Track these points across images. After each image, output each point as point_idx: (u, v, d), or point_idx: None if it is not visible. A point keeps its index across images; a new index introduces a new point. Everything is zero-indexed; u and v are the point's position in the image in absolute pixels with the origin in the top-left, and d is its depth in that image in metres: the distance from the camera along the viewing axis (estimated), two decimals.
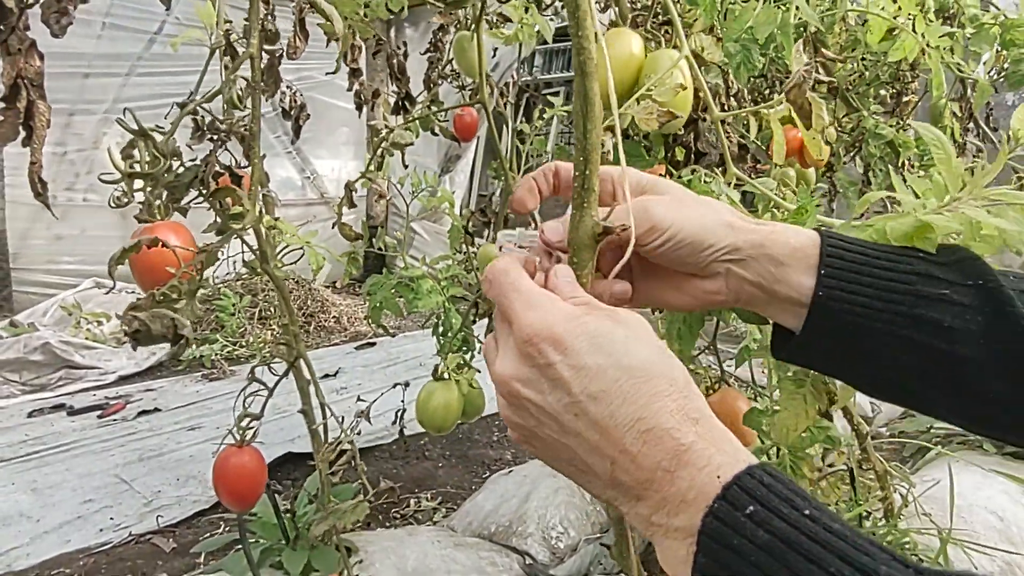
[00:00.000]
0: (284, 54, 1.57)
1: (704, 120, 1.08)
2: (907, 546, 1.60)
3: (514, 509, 1.77)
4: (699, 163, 1.13)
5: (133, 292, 3.93)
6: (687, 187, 1.06)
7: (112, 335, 3.61)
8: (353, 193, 1.31)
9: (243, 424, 1.17)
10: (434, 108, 1.89)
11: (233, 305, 3.69)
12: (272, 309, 3.76)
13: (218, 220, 1.19)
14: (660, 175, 1.18)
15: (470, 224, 1.28)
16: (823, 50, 1.00)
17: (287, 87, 1.54)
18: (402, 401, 1.31)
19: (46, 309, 3.90)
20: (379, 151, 1.29)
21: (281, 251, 1.29)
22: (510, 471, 1.97)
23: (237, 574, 1.29)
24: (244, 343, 3.68)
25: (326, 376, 3.08)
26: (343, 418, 1.23)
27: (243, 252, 1.30)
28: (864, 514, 1.65)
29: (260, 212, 1.08)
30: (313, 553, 1.39)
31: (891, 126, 1.94)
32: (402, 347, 3.41)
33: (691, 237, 0.53)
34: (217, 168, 1.22)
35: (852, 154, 2.09)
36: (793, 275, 0.53)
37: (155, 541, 2.22)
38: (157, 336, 0.87)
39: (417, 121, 2.03)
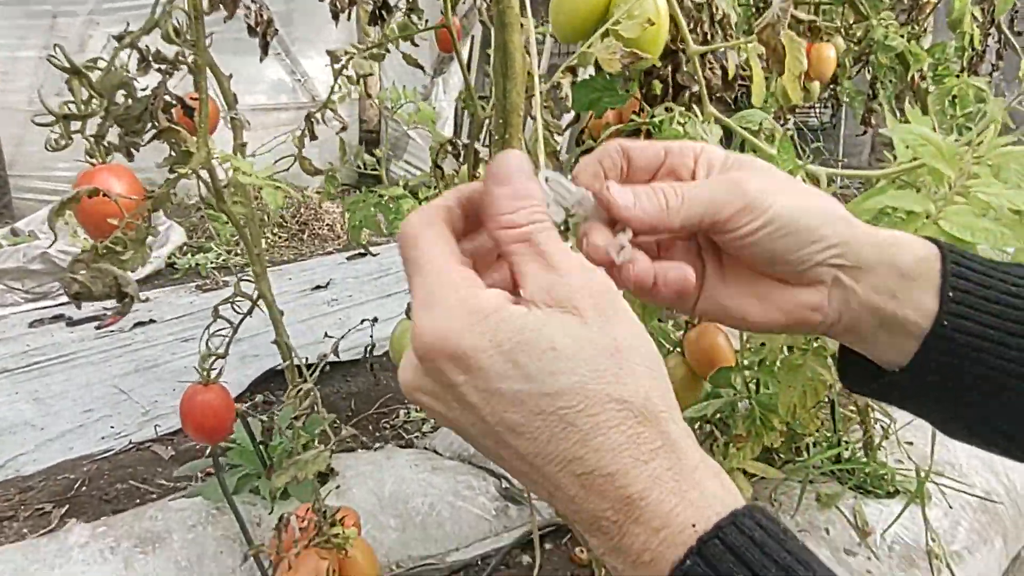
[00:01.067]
0: None
1: (683, 52, 1.00)
2: (885, 477, 1.63)
3: None
4: (678, 98, 1.07)
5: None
6: (659, 129, 1.01)
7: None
8: (315, 124, 1.26)
9: (207, 364, 1.19)
10: (413, 17, 1.79)
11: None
12: (266, 216, 3.73)
13: (173, 155, 1.15)
14: (633, 112, 1.11)
15: (439, 157, 1.23)
16: None
17: (252, 1, 1.45)
18: (371, 336, 1.30)
19: (44, 217, 3.91)
20: (337, 79, 1.22)
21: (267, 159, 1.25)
22: None
23: (215, 500, 1.34)
24: (239, 251, 3.68)
25: (317, 288, 3.10)
26: (312, 361, 1.23)
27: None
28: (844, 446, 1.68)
29: (208, 153, 1.03)
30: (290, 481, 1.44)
31: (902, 35, 1.81)
32: (393, 257, 3.39)
33: (796, 224, 0.41)
34: (168, 98, 1.16)
35: (860, 65, 1.97)
36: (916, 293, 0.42)
37: (154, 449, 2.31)
38: (100, 295, 0.85)
39: (396, 31, 1.93)
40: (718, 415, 1.08)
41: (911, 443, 1.86)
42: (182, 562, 1.35)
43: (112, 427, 2.35)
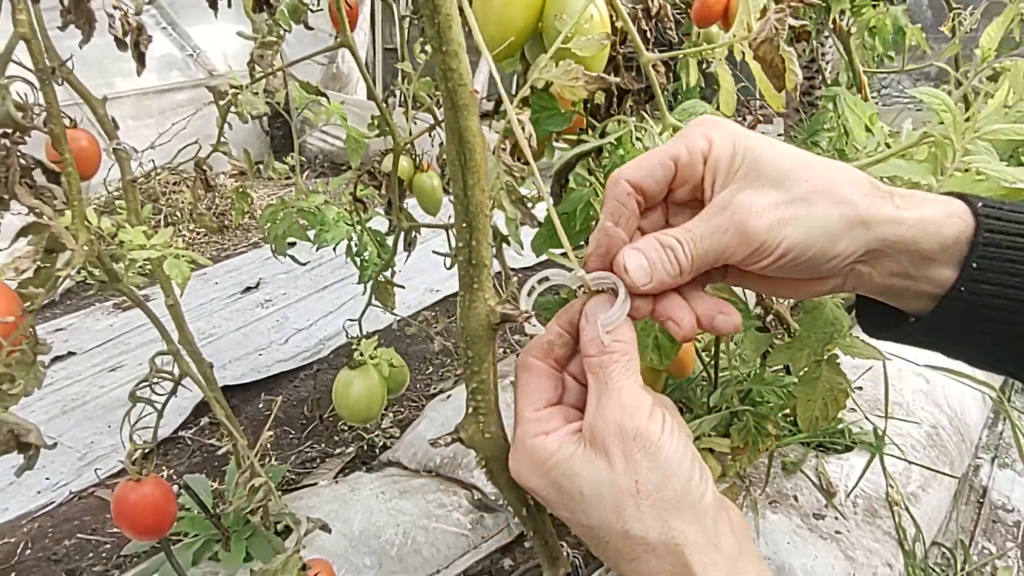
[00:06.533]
0: None
1: (622, 56, 0.89)
2: (843, 432, 1.65)
3: None
4: (623, 105, 0.96)
5: (19, 214, 3.54)
6: (615, 148, 0.90)
7: (6, 266, 3.30)
8: (207, 171, 1.10)
9: (135, 459, 1.06)
10: None
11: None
12: (179, 213, 3.47)
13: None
14: (580, 129, 1.00)
15: (357, 188, 1.09)
16: None
17: (114, 7, 1.27)
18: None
19: None
20: (227, 116, 1.06)
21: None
22: (448, 396, 1.93)
23: None
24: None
25: (248, 289, 2.91)
26: (253, 379, 1.12)
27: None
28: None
29: (88, 238, 0.88)
30: (251, 542, 1.35)
31: None
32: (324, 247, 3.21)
33: (812, 249, 0.41)
34: (23, 163, 0.99)
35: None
36: (936, 270, 0.42)
37: (98, 494, 2.17)
38: None
39: (287, 14, 1.75)
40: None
41: (860, 388, 1.89)
42: None
43: (47, 478, 2.18)
